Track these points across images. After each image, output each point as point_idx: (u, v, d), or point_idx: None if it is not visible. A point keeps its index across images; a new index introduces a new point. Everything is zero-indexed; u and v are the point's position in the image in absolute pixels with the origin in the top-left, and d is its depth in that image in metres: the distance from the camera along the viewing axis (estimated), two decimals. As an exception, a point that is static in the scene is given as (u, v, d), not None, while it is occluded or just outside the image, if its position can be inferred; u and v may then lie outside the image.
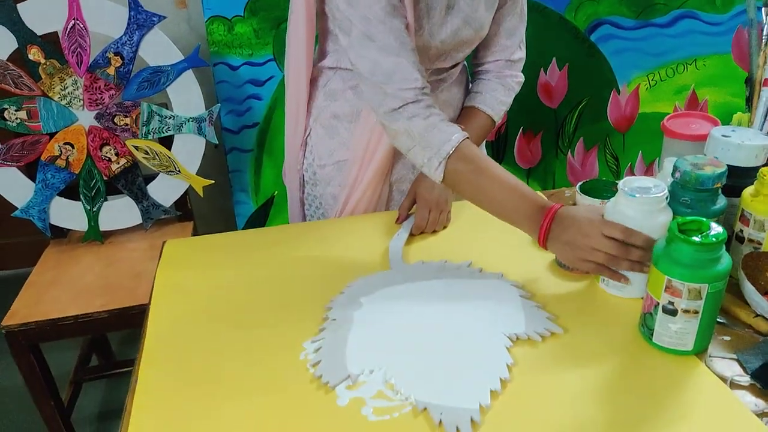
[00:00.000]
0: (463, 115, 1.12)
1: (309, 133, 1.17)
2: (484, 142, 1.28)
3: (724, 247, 0.74)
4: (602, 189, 1.14)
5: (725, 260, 0.74)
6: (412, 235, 1.04)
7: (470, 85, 1.18)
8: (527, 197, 0.88)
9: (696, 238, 0.73)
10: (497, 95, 1.12)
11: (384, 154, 1.09)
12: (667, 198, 0.82)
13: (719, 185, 0.85)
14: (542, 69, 1.96)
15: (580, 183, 1.13)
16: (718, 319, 0.83)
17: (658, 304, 0.76)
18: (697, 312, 0.74)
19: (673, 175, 0.87)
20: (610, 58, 1.98)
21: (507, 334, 0.80)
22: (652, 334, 0.78)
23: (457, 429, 0.66)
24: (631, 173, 2.12)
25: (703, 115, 1.11)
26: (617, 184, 1.12)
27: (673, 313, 0.75)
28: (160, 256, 1.04)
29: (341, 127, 1.12)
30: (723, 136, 0.95)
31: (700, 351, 0.78)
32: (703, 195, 0.85)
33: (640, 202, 0.81)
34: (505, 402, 0.71)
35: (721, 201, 0.87)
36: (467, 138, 0.90)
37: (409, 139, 0.90)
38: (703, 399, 0.71)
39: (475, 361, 0.76)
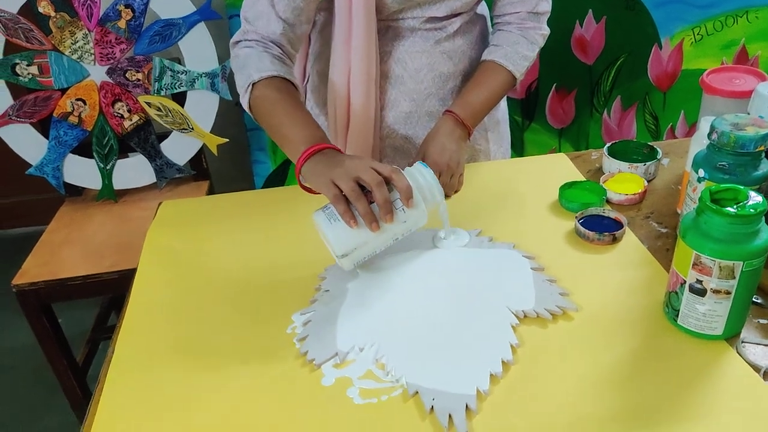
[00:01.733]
0: (480, 70, 1.03)
1: (308, 80, 1.13)
2: (504, 101, 1.19)
3: (763, 219, 0.65)
4: (632, 151, 1.04)
5: (764, 234, 0.65)
6: None
7: (490, 37, 1.08)
8: (306, 130, 0.83)
9: (731, 209, 0.63)
10: (519, 48, 1.02)
11: (362, 100, 1.03)
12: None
13: (762, 148, 0.74)
14: (577, 21, 1.82)
15: (608, 144, 1.03)
16: (755, 299, 0.74)
17: (685, 282, 0.68)
18: (729, 293, 0.65)
19: (709, 136, 0.77)
20: (652, 10, 1.83)
21: (513, 310, 0.73)
22: (677, 316, 0.70)
23: (450, 417, 0.60)
24: (673, 135, 1.99)
25: (748, 69, 0.99)
26: (650, 146, 1.03)
27: (701, 293, 0.67)
28: (154, 218, 1.00)
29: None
30: (772, 93, 0.85)
31: (731, 335, 0.69)
32: (743, 159, 0.75)
33: None
34: (506, 388, 0.65)
35: (764, 166, 0.77)
36: (285, 79, 0.90)
37: (237, 62, 0.93)
38: (731, 390, 0.63)
39: (476, 340, 0.70)
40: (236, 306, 0.79)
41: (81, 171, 1.62)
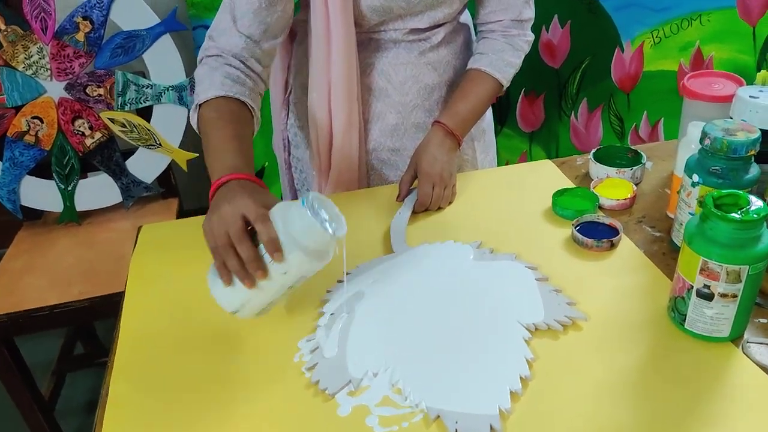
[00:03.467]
0: (467, 79, 1.02)
1: (290, 91, 1.10)
2: (490, 109, 1.19)
3: (765, 223, 0.66)
4: (616, 155, 1.05)
5: (766, 238, 0.66)
6: (414, 212, 0.95)
7: (474, 45, 1.08)
8: (226, 159, 0.76)
9: (736, 215, 0.64)
10: (504, 56, 1.01)
11: (344, 115, 1.00)
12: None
13: (753, 152, 0.76)
14: (543, 27, 1.85)
15: (594, 150, 1.04)
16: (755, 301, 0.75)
17: (692, 287, 0.68)
18: (735, 296, 0.66)
19: (701, 141, 0.78)
20: (613, 14, 1.87)
21: (524, 324, 0.72)
22: (684, 320, 0.70)
23: None
24: (636, 135, 2.03)
25: (724, 73, 1.02)
26: (633, 150, 1.04)
27: (708, 297, 0.67)
28: (135, 243, 0.95)
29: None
30: (750, 97, 0.86)
31: (736, 337, 0.70)
32: (735, 163, 0.76)
33: None
34: (527, 403, 0.63)
35: (754, 170, 0.78)
36: (233, 99, 0.84)
37: (195, 80, 0.89)
38: (742, 389, 0.64)
39: (491, 357, 0.68)
40: (237, 334, 0.75)
41: (40, 193, 1.54)
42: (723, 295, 0.66)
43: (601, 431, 0.60)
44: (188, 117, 1.52)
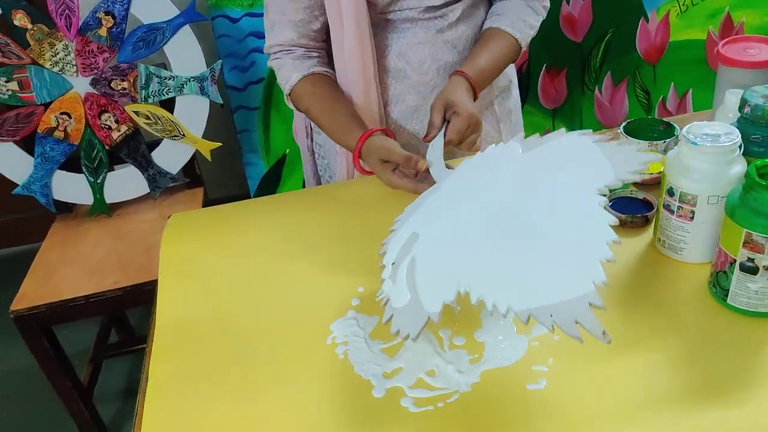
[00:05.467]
0: (486, 36, 1.00)
1: None
2: (516, 88, 1.16)
3: (811, 192, 0.64)
4: (648, 128, 1.03)
5: (811, 207, 0.64)
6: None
7: (492, 7, 1.05)
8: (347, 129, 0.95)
9: (781, 184, 0.62)
10: (523, 16, 0.99)
11: (363, 98, 1.01)
12: (740, 147, 0.71)
13: (795, 119, 0.74)
14: (564, 0, 1.81)
15: (624, 123, 1.02)
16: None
17: (735, 261, 0.66)
18: (782, 268, 0.64)
19: (740, 110, 0.76)
20: (637, -18, 1.82)
21: (598, 189, 0.62)
22: (726, 295, 0.69)
23: (578, 324, 0.53)
24: (664, 107, 1.99)
25: (760, 37, 0.98)
26: (666, 122, 1.01)
27: (753, 271, 0.65)
28: (164, 231, 0.96)
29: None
30: (790, 61, 0.84)
31: (782, 311, 0.68)
32: (777, 131, 0.74)
33: (709, 152, 0.70)
34: (577, 371, 0.63)
35: (796, 137, 0.76)
36: (311, 75, 1.00)
37: (275, 72, 1.04)
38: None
39: (571, 236, 0.60)
40: (268, 319, 0.76)
41: (70, 187, 1.57)
42: (768, 268, 0.65)
43: (646, 403, 0.60)
44: (210, 107, 1.56)
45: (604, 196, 0.61)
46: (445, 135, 0.90)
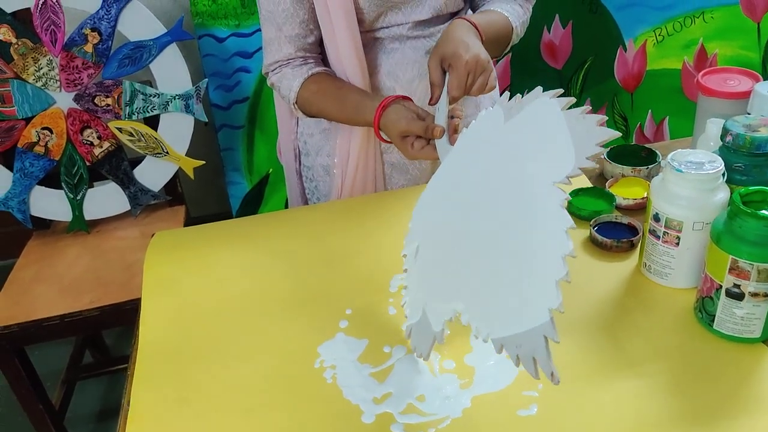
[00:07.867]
0: (481, 11, 1.01)
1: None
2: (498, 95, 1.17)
3: (794, 220, 0.66)
4: (630, 155, 1.05)
5: (793, 235, 0.66)
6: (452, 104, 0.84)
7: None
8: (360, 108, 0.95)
9: (766, 212, 0.64)
10: (515, 9, 1.02)
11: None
12: (723, 174, 0.73)
13: (776, 148, 0.76)
14: (545, 28, 1.84)
15: (608, 149, 1.04)
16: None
17: (721, 287, 0.68)
18: (767, 295, 0.66)
19: (722, 138, 0.78)
20: (615, 13, 1.87)
21: (559, 182, 0.55)
22: (712, 321, 0.70)
23: (534, 361, 0.51)
24: (641, 133, 2.03)
25: (738, 69, 1.01)
26: (648, 149, 1.04)
27: (739, 297, 0.67)
28: (147, 249, 0.94)
29: None
30: (769, 92, 0.86)
31: (767, 337, 0.70)
32: (759, 160, 0.76)
33: (694, 179, 0.71)
34: (558, 405, 0.63)
35: (777, 166, 0.78)
36: (313, 75, 1.01)
37: (275, 89, 1.06)
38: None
39: (525, 250, 0.55)
40: (255, 342, 0.75)
41: (49, 202, 1.53)
42: (754, 295, 0.66)
43: (637, 430, 0.60)
44: (194, 125, 1.55)
45: (565, 184, 0.55)
46: (448, 95, 0.84)
